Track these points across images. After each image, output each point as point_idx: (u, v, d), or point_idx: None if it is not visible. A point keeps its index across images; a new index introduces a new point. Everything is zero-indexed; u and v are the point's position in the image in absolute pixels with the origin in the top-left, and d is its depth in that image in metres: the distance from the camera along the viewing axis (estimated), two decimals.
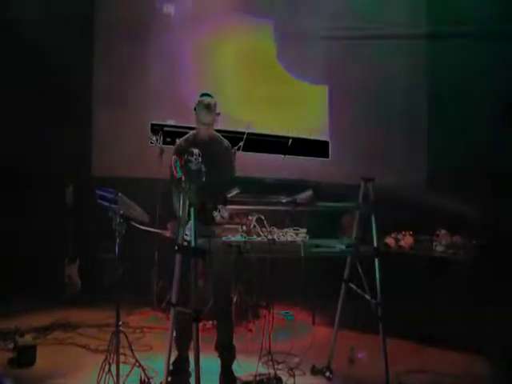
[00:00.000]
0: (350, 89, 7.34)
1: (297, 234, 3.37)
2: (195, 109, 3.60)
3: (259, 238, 3.18)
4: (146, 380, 3.29)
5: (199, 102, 3.59)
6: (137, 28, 6.26)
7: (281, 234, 3.31)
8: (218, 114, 3.63)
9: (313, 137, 7.29)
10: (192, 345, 2.97)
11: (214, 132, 3.72)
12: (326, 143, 7.41)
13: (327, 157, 7.40)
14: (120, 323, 3.36)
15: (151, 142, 5.92)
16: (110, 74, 6.16)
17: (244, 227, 3.26)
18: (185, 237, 3.04)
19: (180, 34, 6.53)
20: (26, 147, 5.82)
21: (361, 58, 7.30)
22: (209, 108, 3.55)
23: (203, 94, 3.65)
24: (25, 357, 3.77)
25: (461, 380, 3.77)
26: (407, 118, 7.60)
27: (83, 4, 6.11)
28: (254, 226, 3.22)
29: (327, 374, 3.77)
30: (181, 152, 3.44)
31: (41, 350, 3.91)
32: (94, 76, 6.18)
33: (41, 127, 5.90)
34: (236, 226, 3.30)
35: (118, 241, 3.39)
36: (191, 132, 3.74)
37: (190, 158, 3.09)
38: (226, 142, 3.77)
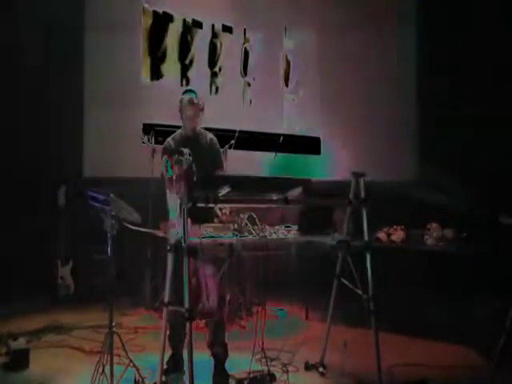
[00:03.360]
0: (341, 86, 7.37)
1: (288, 231, 3.38)
2: (179, 106, 3.65)
3: (251, 236, 3.19)
4: (140, 380, 3.29)
5: (182, 99, 3.66)
6: (128, 26, 6.25)
7: (272, 232, 3.31)
8: (202, 109, 3.67)
9: (304, 133, 7.32)
10: (185, 344, 2.98)
11: (199, 127, 3.76)
12: (317, 140, 7.43)
13: (319, 153, 7.42)
14: (113, 324, 3.35)
15: (143, 142, 5.91)
16: (101, 74, 6.14)
17: (235, 225, 3.27)
18: (177, 236, 3.04)
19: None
20: (17, 148, 5.80)
21: (352, 55, 7.35)
22: (192, 103, 3.63)
23: (186, 91, 3.73)
24: (18, 361, 3.75)
25: (453, 372, 3.80)
26: (398, 114, 7.64)
27: (73, 5, 6.08)
28: (246, 224, 3.23)
29: (320, 369, 3.78)
30: (169, 151, 3.46)
31: (34, 353, 3.89)
32: (85, 76, 6.16)
33: (32, 128, 5.88)
34: (227, 224, 3.31)
35: (110, 242, 3.39)
36: (178, 130, 3.79)
37: (180, 157, 3.10)
38: (211, 136, 3.81)
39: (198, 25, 6.62)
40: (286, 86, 7.29)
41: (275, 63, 7.24)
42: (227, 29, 6.81)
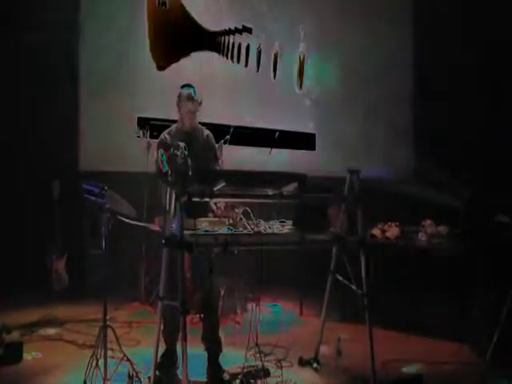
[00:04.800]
0: (337, 82, 7.37)
1: (283, 227, 3.38)
2: (177, 100, 3.63)
3: (246, 231, 3.18)
4: (134, 374, 3.28)
5: (180, 94, 3.64)
6: (125, 19, 6.24)
7: (267, 227, 3.31)
8: (200, 104, 3.66)
9: (300, 129, 7.31)
10: (180, 338, 2.98)
11: (196, 122, 3.75)
12: (312, 136, 7.43)
13: (314, 149, 7.42)
14: (107, 318, 3.35)
15: (138, 136, 5.89)
16: (96, 67, 6.12)
17: (230, 220, 3.26)
18: (172, 230, 3.04)
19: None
20: (12, 142, 5.77)
21: (349, 52, 7.35)
22: (191, 98, 3.61)
23: (184, 85, 3.69)
24: (11, 354, 3.73)
25: (447, 368, 3.81)
26: (393, 111, 7.64)
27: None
28: (241, 219, 3.23)
29: (314, 365, 3.79)
30: (165, 145, 3.46)
31: (28, 347, 3.89)
32: (80, 70, 6.13)
33: (27, 121, 5.85)
34: (222, 219, 3.30)
35: (104, 235, 3.39)
36: (174, 125, 3.77)
37: (175, 151, 3.10)
38: (207, 132, 3.80)
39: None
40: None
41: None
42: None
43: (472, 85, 6.86)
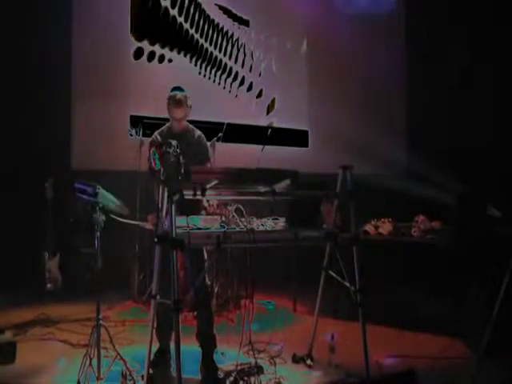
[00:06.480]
0: (330, 78, 7.38)
1: (276, 224, 3.37)
2: (167, 103, 3.63)
3: (238, 228, 3.18)
4: (128, 373, 3.28)
5: (170, 97, 3.62)
6: (117, 21, 6.22)
7: (260, 224, 3.31)
8: (190, 107, 3.66)
9: (292, 126, 7.32)
10: (173, 336, 2.98)
11: (187, 124, 3.74)
12: (305, 132, 7.44)
13: (306, 146, 7.43)
14: (100, 317, 3.35)
15: (131, 135, 5.87)
16: (89, 67, 6.10)
17: (223, 217, 3.26)
18: (164, 228, 3.03)
19: None
20: (5, 141, 5.74)
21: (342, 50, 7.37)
22: (180, 103, 3.60)
23: (174, 88, 3.67)
24: (4, 354, 3.71)
25: (440, 364, 3.83)
26: (386, 107, 7.67)
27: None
28: (233, 216, 3.22)
29: (308, 361, 3.80)
30: (157, 143, 3.44)
31: (21, 347, 3.86)
32: (73, 68, 6.10)
33: (20, 120, 5.82)
34: (215, 217, 3.30)
35: (97, 234, 3.38)
36: (165, 125, 3.77)
37: (168, 149, 3.09)
38: (199, 133, 3.80)
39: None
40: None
41: None
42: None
43: (465, 78, 6.90)
